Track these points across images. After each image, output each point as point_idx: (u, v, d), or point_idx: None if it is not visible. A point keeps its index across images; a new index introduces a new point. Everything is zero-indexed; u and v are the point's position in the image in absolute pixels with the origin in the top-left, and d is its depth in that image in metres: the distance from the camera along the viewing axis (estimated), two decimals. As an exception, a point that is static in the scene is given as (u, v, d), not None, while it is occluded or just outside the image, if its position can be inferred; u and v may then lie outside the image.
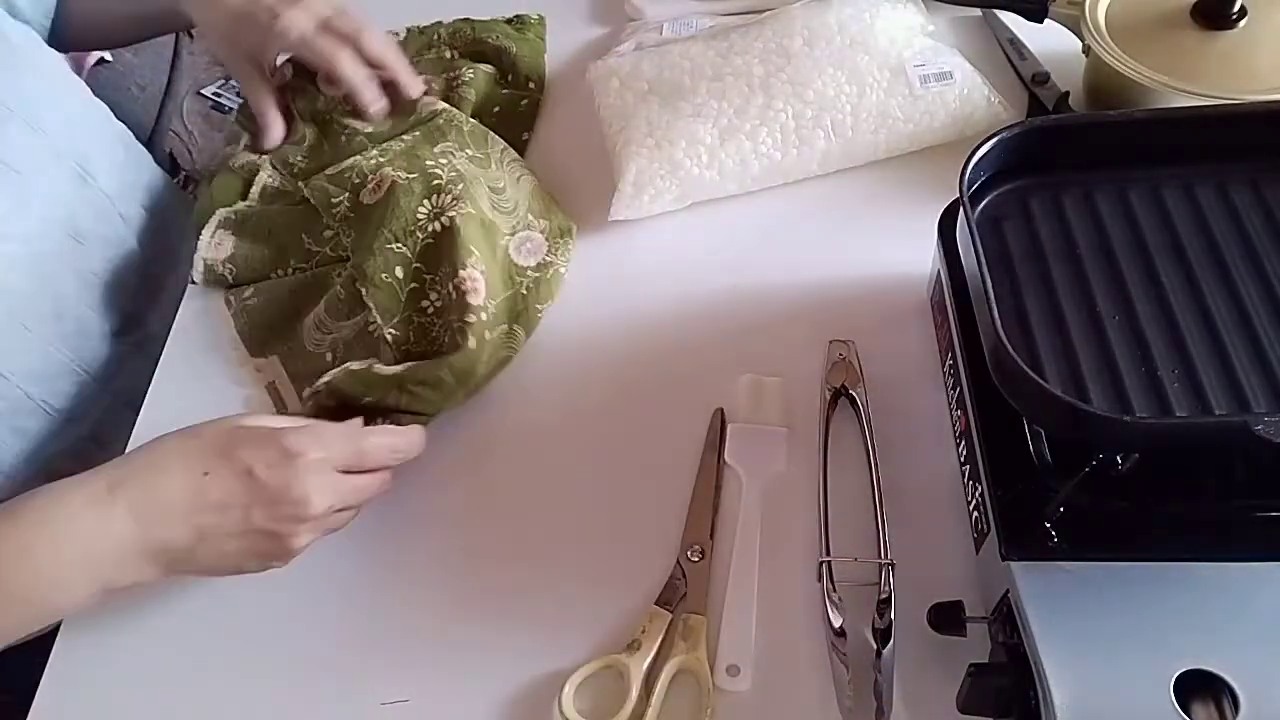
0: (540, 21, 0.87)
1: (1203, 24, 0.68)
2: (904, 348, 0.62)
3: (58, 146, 0.70)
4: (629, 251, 0.70)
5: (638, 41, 0.79)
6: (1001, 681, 0.45)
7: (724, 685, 0.51)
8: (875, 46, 0.72)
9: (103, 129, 0.77)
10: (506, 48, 0.82)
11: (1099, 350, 0.48)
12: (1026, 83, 0.75)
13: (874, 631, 0.50)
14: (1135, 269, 0.51)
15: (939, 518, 0.55)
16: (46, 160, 0.69)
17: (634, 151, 0.69)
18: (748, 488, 0.57)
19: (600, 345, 0.65)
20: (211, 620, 0.56)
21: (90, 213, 0.72)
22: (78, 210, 0.71)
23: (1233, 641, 0.42)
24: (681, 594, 0.54)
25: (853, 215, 0.70)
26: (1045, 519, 0.45)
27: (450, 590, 0.56)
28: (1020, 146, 0.54)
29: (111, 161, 0.76)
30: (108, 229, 0.74)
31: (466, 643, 0.54)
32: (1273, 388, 0.45)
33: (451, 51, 0.84)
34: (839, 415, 0.59)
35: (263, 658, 0.54)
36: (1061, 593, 0.44)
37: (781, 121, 0.69)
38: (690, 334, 0.65)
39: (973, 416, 0.51)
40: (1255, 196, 0.53)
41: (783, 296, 0.66)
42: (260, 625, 0.55)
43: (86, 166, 0.72)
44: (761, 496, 0.57)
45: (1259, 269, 0.50)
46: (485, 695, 0.52)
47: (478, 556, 0.57)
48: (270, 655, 0.55)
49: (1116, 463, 0.45)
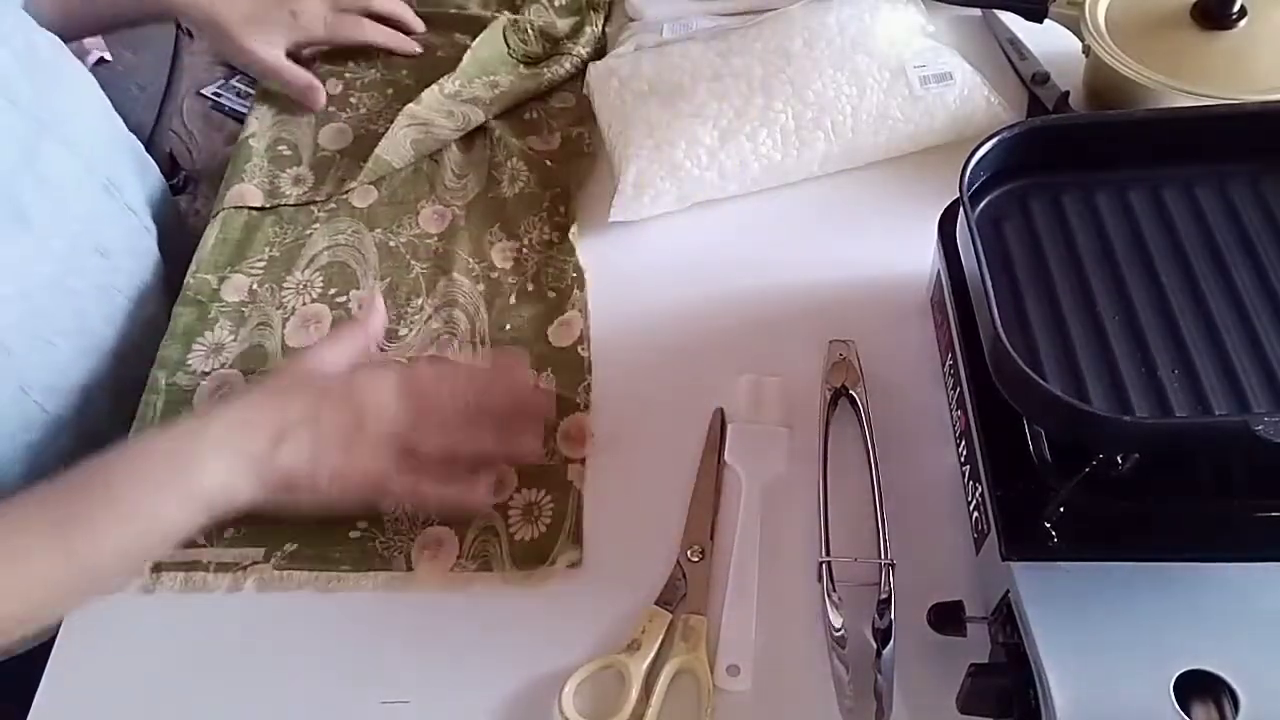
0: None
1: (1203, 24, 0.68)
2: (904, 348, 0.62)
3: (89, 161, 0.70)
4: (629, 252, 0.70)
5: (637, 42, 0.79)
6: (1001, 681, 0.45)
7: (724, 685, 0.51)
8: (875, 47, 0.72)
9: (123, 141, 0.77)
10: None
11: (1099, 350, 0.48)
12: (1026, 83, 0.75)
13: (874, 631, 0.50)
14: (1135, 269, 0.51)
15: (939, 518, 0.55)
16: (81, 176, 0.69)
17: (634, 152, 0.69)
18: (748, 488, 0.57)
19: (600, 345, 0.65)
20: (211, 621, 0.56)
21: (116, 228, 0.72)
22: (105, 226, 0.71)
23: (1233, 641, 0.42)
24: (681, 594, 0.54)
25: (853, 215, 0.70)
26: (1045, 519, 0.45)
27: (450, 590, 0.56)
28: (1020, 146, 0.54)
29: (134, 174, 0.76)
30: (133, 243, 0.74)
31: (466, 643, 0.54)
32: (1273, 388, 0.45)
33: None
34: (839, 415, 0.59)
35: (262, 658, 0.54)
36: (1061, 593, 0.44)
37: (781, 122, 0.69)
38: (690, 334, 0.65)
39: (973, 416, 0.51)
40: (1255, 196, 0.53)
41: (783, 296, 0.66)
42: (259, 626, 0.55)
43: (114, 180, 0.72)
44: (761, 496, 0.57)
45: (1259, 269, 0.50)
46: (485, 695, 0.52)
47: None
48: (270, 656, 0.54)
49: (1116, 463, 0.45)
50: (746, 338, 0.64)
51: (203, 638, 0.55)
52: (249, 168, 0.77)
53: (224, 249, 0.72)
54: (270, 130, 0.80)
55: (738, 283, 0.67)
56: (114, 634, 0.55)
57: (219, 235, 0.73)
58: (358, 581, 0.56)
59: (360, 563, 0.56)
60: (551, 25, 0.83)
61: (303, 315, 0.68)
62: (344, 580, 0.56)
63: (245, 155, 0.78)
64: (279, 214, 0.74)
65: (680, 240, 0.70)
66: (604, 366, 0.64)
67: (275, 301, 0.69)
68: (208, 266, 0.71)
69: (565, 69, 0.80)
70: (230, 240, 0.73)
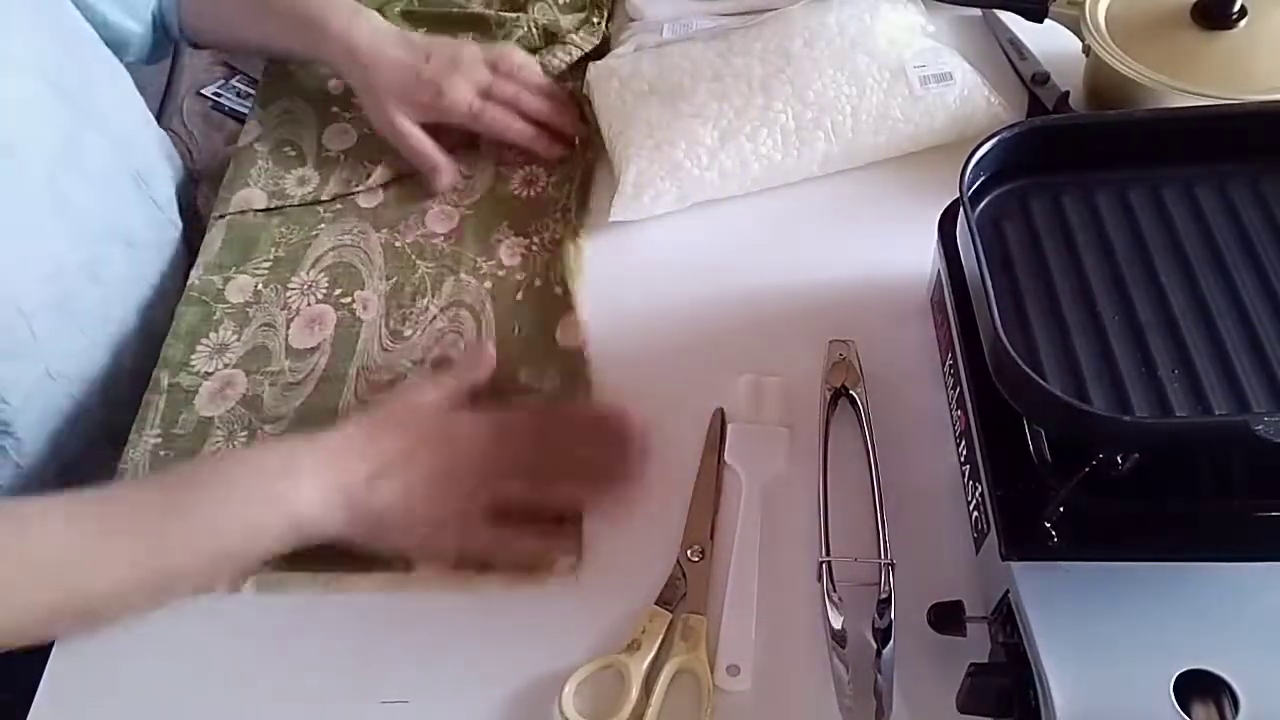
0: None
1: (1203, 24, 0.68)
2: (904, 348, 0.62)
3: (122, 152, 0.70)
4: (629, 252, 0.70)
5: (637, 42, 0.79)
6: (1001, 681, 0.45)
7: (724, 685, 0.51)
8: (875, 47, 0.72)
9: (153, 133, 0.78)
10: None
11: (1099, 350, 0.48)
12: (1026, 83, 0.75)
13: (874, 631, 0.50)
14: (1135, 269, 0.51)
15: (939, 518, 0.55)
16: (115, 166, 0.69)
17: (634, 153, 0.69)
18: (748, 488, 0.57)
19: (601, 345, 0.65)
20: (211, 620, 0.56)
21: (143, 219, 0.73)
22: (133, 217, 0.71)
23: (1233, 641, 0.42)
24: (681, 594, 0.54)
25: (853, 215, 0.70)
26: (1045, 519, 0.45)
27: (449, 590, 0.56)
28: (1020, 146, 0.54)
29: (161, 166, 0.76)
30: (158, 235, 0.74)
31: (466, 642, 0.54)
32: (1273, 388, 0.45)
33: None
34: (839, 415, 0.59)
35: (262, 658, 0.54)
36: (1061, 593, 0.44)
37: (782, 123, 0.69)
38: (690, 334, 0.65)
39: (973, 416, 0.51)
40: (1255, 196, 0.53)
41: (783, 296, 0.66)
42: (260, 625, 0.55)
43: (142, 172, 0.72)
44: (761, 496, 0.57)
45: (1259, 269, 0.50)
46: (485, 695, 0.52)
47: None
48: (269, 655, 0.54)
49: (1116, 463, 0.45)
50: (746, 338, 0.64)
51: (203, 636, 0.55)
52: (254, 172, 0.77)
53: (230, 250, 0.72)
54: (274, 131, 0.80)
55: (738, 283, 0.67)
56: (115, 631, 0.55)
57: (225, 237, 0.73)
58: (356, 582, 0.56)
59: (359, 563, 0.56)
60: (555, 23, 0.83)
61: (307, 316, 0.68)
62: (343, 581, 0.56)
63: (249, 159, 0.78)
64: (285, 214, 0.74)
65: (680, 240, 0.70)
66: (603, 366, 0.64)
67: (280, 302, 0.69)
68: (213, 267, 0.71)
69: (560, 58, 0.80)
70: (236, 241, 0.73)
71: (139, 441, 0.63)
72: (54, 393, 0.66)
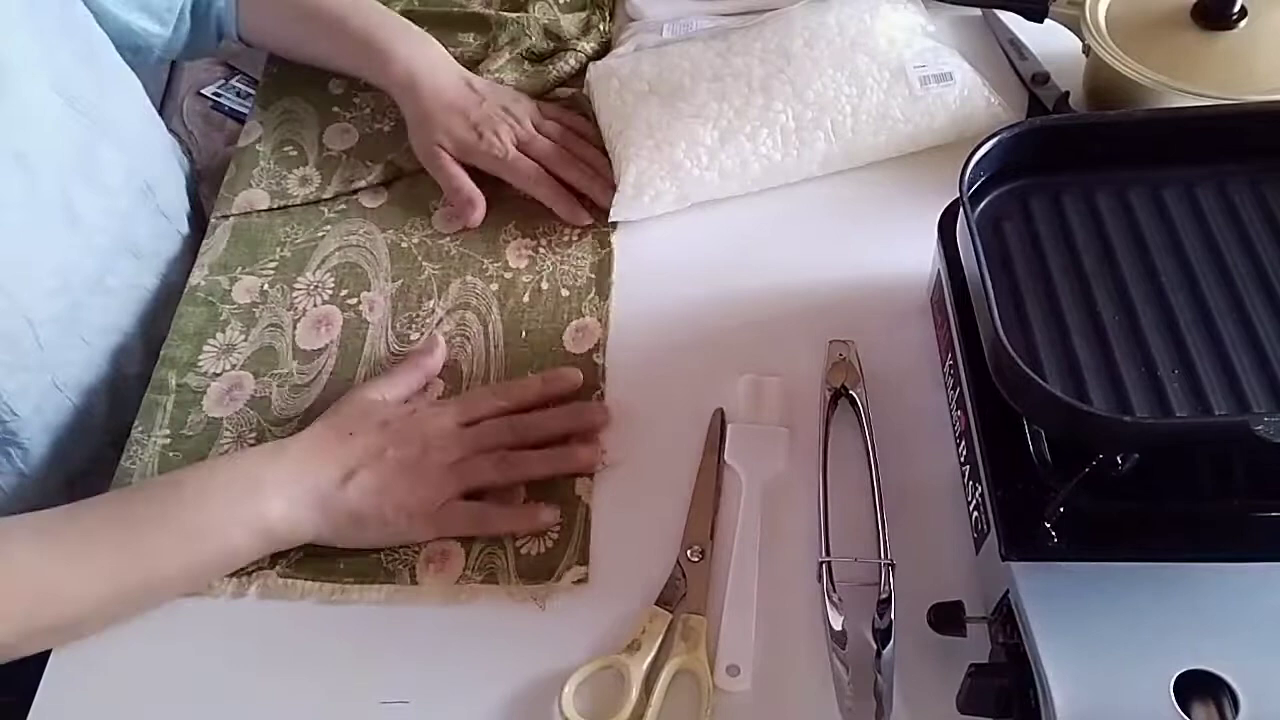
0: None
1: (1203, 24, 0.68)
2: (904, 348, 0.62)
3: (133, 163, 0.70)
4: (629, 252, 0.70)
5: (637, 42, 0.79)
6: (1001, 681, 0.45)
7: (724, 685, 0.51)
8: (875, 47, 0.72)
9: (163, 142, 0.78)
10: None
11: (1099, 350, 0.48)
12: (1026, 83, 0.75)
13: (874, 631, 0.50)
14: (1135, 269, 0.51)
15: (939, 518, 0.55)
16: (126, 177, 0.69)
17: (634, 152, 0.69)
18: (748, 488, 0.57)
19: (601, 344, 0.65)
20: (211, 620, 0.56)
21: (150, 230, 0.73)
22: (140, 227, 0.71)
23: (1233, 641, 0.42)
24: (681, 594, 0.54)
25: (852, 215, 0.70)
26: (1045, 519, 0.45)
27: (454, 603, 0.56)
28: (1020, 146, 0.54)
29: (169, 177, 0.76)
30: (163, 245, 0.74)
31: (466, 643, 0.54)
32: (1273, 388, 0.45)
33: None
34: (839, 415, 0.59)
35: (263, 658, 0.54)
36: (1061, 593, 0.44)
37: (782, 123, 0.69)
38: (690, 334, 0.65)
39: (973, 416, 0.51)
40: (1255, 196, 0.53)
41: (783, 296, 0.66)
42: (259, 625, 0.55)
43: (151, 183, 0.72)
44: (761, 496, 0.57)
45: (1259, 269, 0.50)
46: (485, 695, 0.52)
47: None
48: (270, 655, 0.54)
49: (1116, 463, 0.45)
50: (746, 338, 0.64)
51: (203, 636, 0.55)
52: (255, 172, 0.77)
53: (235, 251, 0.72)
54: (275, 131, 0.80)
55: (738, 283, 0.67)
56: (116, 634, 0.55)
57: (230, 238, 0.73)
58: (362, 594, 0.56)
59: (365, 575, 0.56)
60: (555, 23, 0.83)
61: (314, 316, 0.68)
62: (348, 592, 0.56)
63: (251, 160, 0.78)
64: (289, 215, 0.74)
65: (680, 240, 0.70)
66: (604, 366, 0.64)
67: (286, 302, 0.69)
68: (218, 268, 0.71)
69: (570, 65, 0.80)
70: (241, 242, 0.73)
71: (147, 442, 0.63)
72: (59, 402, 0.66)
